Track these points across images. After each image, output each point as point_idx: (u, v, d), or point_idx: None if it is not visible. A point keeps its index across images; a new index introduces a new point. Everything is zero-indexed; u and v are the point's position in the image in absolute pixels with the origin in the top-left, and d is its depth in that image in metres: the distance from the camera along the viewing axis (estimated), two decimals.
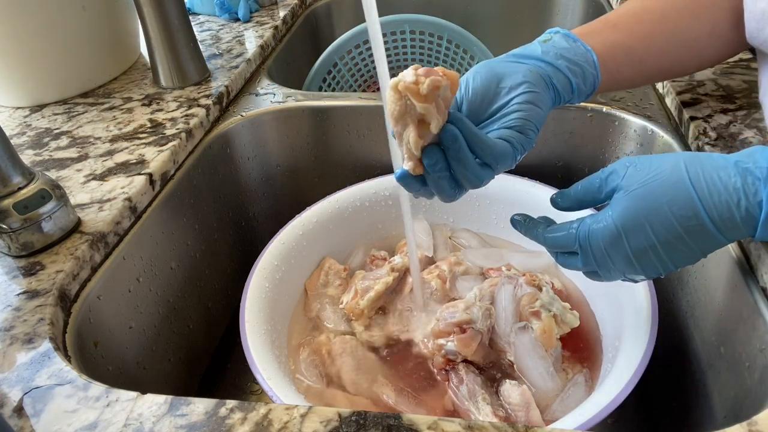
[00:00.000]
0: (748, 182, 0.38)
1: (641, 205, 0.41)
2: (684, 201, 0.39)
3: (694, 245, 0.41)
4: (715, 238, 0.40)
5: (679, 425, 0.59)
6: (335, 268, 0.70)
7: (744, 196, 0.38)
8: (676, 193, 0.40)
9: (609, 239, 0.42)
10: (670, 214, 0.40)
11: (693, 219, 0.39)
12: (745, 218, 0.38)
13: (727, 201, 0.39)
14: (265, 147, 0.81)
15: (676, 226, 0.40)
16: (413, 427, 0.36)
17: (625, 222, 0.41)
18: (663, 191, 0.40)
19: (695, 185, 0.39)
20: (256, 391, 0.73)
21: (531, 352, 0.56)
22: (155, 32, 0.77)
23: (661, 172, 0.41)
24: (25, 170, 0.53)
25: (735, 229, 0.39)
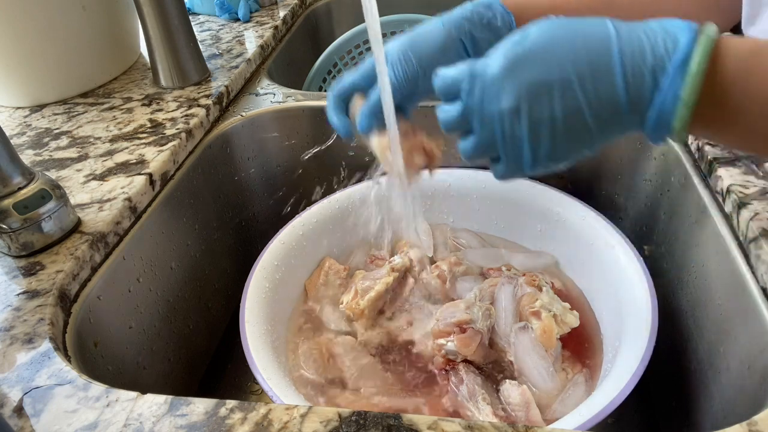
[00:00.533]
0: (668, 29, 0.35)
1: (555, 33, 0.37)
2: (600, 33, 0.36)
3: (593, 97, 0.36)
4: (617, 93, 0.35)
5: (679, 425, 0.59)
6: (335, 268, 0.70)
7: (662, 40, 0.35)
8: (594, 27, 0.36)
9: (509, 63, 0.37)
10: (582, 46, 0.36)
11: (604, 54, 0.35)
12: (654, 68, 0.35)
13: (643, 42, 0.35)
14: (265, 147, 0.81)
15: (584, 59, 0.36)
16: (413, 427, 0.36)
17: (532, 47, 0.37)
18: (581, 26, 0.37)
19: (615, 24, 0.36)
20: (256, 391, 0.73)
21: (531, 352, 0.56)
22: (155, 32, 0.77)
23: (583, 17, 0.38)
24: (25, 170, 0.53)
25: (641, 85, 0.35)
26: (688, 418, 0.57)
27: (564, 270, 0.69)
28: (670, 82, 0.35)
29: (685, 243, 0.60)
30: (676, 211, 0.63)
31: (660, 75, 0.35)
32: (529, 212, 0.71)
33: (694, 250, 0.58)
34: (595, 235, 0.64)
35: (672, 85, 0.35)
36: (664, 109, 0.35)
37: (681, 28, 0.35)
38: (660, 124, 0.36)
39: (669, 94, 0.35)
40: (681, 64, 0.34)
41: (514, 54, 0.37)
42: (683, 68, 0.34)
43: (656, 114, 0.36)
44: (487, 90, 0.38)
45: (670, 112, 0.35)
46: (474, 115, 0.39)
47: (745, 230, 0.50)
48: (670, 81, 0.35)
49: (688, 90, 0.34)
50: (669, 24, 0.36)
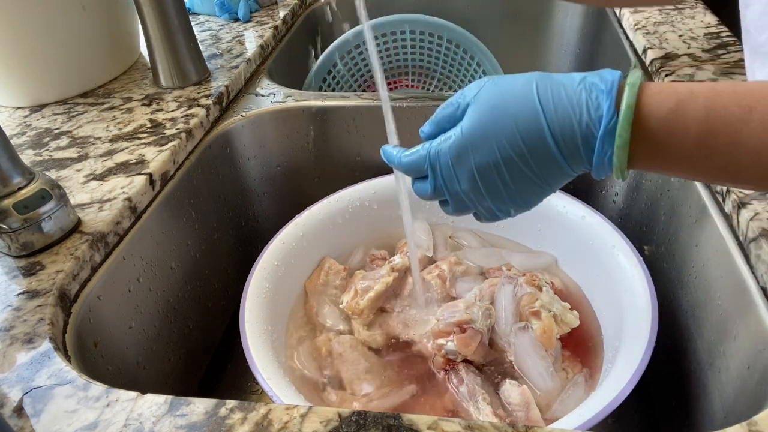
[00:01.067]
0: (591, 96, 0.37)
1: (489, 117, 0.40)
2: (529, 114, 0.39)
3: (536, 168, 0.40)
4: (556, 160, 0.39)
5: (679, 425, 0.59)
6: (335, 268, 0.70)
7: (586, 110, 0.37)
8: (523, 107, 0.39)
9: (456, 153, 0.42)
10: (514, 128, 0.39)
11: (535, 134, 0.39)
12: (585, 135, 0.38)
13: (570, 115, 0.38)
14: (265, 147, 0.81)
15: (519, 141, 0.39)
16: (413, 427, 0.36)
17: (472, 134, 0.41)
18: (511, 104, 0.39)
19: (542, 99, 0.38)
20: (256, 391, 0.73)
21: (531, 352, 0.56)
22: (155, 32, 0.77)
23: (513, 87, 0.40)
24: (25, 170, 0.53)
25: (575, 150, 0.39)
26: (688, 418, 0.57)
27: (564, 270, 0.69)
28: (600, 148, 0.38)
29: (685, 243, 0.60)
30: (676, 211, 0.63)
31: (591, 142, 0.38)
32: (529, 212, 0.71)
33: (694, 250, 0.58)
34: (595, 235, 0.64)
35: (602, 151, 0.38)
36: (601, 167, 0.39)
37: (601, 91, 0.38)
38: (601, 174, 0.40)
39: (603, 158, 0.38)
40: (607, 135, 0.37)
41: (460, 142, 0.42)
42: (610, 138, 0.37)
43: (596, 169, 0.39)
44: (446, 175, 0.43)
45: (607, 168, 0.39)
46: (443, 191, 0.45)
47: (745, 230, 0.50)
48: (600, 148, 0.38)
49: (617, 155, 0.37)
50: (593, 85, 0.38)
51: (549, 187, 0.42)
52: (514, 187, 0.42)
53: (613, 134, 0.37)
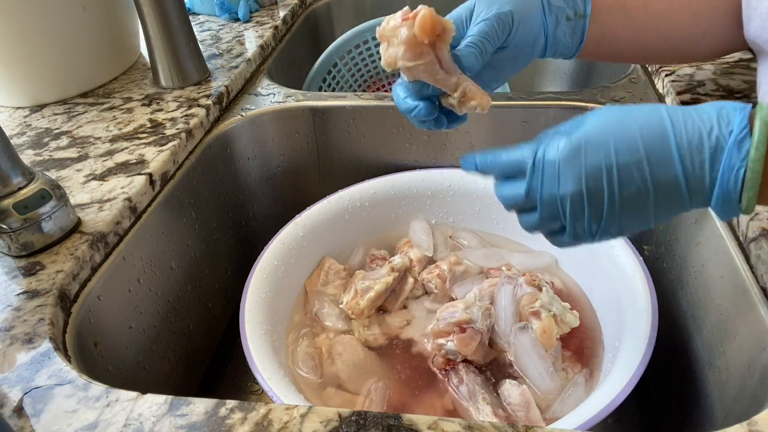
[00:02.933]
0: (722, 113, 0.36)
1: (611, 122, 0.38)
2: (655, 122, 0.37)
3: (651, 183, 0.37)
4: (677, 177, 0.37)
5: (679, 425, 0.59)
6: (335, 268, 0.70)
7: (717, 123, 0.36)
8: (650, 115, 0.38)
9: (567, 151, 0.39)
10: (637, 132, 0.37)
11: (659, 140, 0.37)
12: (713, 149, 0.35)
13: (699, 127, 0.36)
14: (265, 147, 0.81)
15: (640, 146, 0.37)
16: (413, 427, 0.36)
17: (589, 134, 0.38)
18: (637, 113, 0.38)
19: (670, 112, 0.37)
20: (256, 391, 0.73)
21: (531, 352, 0.56)
22: (155, 32, 0.77)
23: (638, 105, 0.39)
24: (25, 170, 0.53)
25: (700, 166, 0.36)
26: (688, 418, 0.57)
27: (564, 270, 0.69)
28: (728, 161, 0.35)
29: (685, 243, 0.60)
30: None
31: (718, 158, 0.35)
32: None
33: (694, 250, 0.58)
34: None
35: (730, 166, 0.35)
36: (727, 191, 0.36)
37: (734, 108, 0.36)
38: (726, 203, 0.36)
39: (730, 174, 0.35)
40: (738, 143, 0.35)
41: (575, 140, 0.39)
42: (740, 147, 0.35)
43: (721, 194, 0.36)
44: (550, 174, 0.39)
45: (732, 193, 0.36)
46: (537, 196, 0.41)
47: (745, 230, 0.50)
48: (728, 161, 0.35)
49: (752, 169, 0.34)
50: (722, 106, 0.37)
51: (655, 211, 0.38)
52: (618, 200, 0.38)
53: (743, 145, 0.35)
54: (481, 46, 0.47)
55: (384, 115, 0.77)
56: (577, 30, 0.53)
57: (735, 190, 0.36)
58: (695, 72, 0.70)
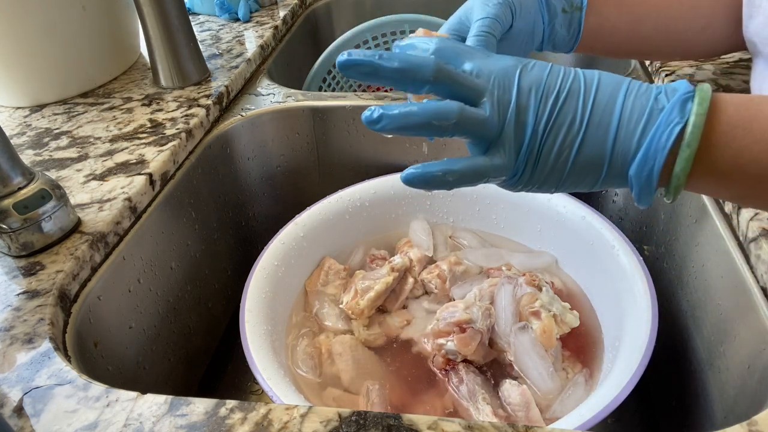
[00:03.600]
0: (668, 87, 0.35)
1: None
2: (616, 78, 0.36)
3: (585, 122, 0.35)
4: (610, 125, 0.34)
5: (679, 425, 0.59)
6: (335, 268, 0.70)
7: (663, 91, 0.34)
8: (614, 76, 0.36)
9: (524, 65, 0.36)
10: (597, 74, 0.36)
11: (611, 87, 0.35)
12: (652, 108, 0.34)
13: (651, 91, 0.34)
14: (265, 147, 0.81)
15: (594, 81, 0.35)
16: (413, 427, 0.36)
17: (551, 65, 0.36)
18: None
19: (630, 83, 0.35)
20: (256, 391, 0.73)
21: (531, 352, 0.56)
22: (155, 32, 0.77)
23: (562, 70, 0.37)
24: (25, 170, 0.53)
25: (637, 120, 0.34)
26: (688, 418, 0.57)
27: (564, 270, 0.69)
28: (667, 118, 0.33)
29: (685, 243, 0.60)
30: (676, 211, 0.63)
31: (655, 115, 0.34)
32: (529, 212, 0.71)
33: (694, 250, 0.58)
34: (595, 235, 0.64)
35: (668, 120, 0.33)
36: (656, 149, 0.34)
37: (680, 84, 0.34)
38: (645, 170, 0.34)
39: (664, 131, 0.33)
40: (681, 104, 0.33)
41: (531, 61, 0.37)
42: (683, 107, 0.33)
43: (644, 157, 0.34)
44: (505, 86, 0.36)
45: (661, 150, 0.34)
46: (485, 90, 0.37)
47: (745, 230, 0.50)
48: (668, 117, 0.33)
49: (692, 124, 0.33)
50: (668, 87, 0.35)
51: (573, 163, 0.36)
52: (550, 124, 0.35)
53: (686, 105, 0.33)
54: (492, 28, 0.47)
55: None
56: (574, 22, 0.52)
57: (663, 149, 0.33)
58: (695, 72, 0.70)
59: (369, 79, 0.37)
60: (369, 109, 0.37)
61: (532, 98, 0.35)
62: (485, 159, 0.37)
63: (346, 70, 0.37)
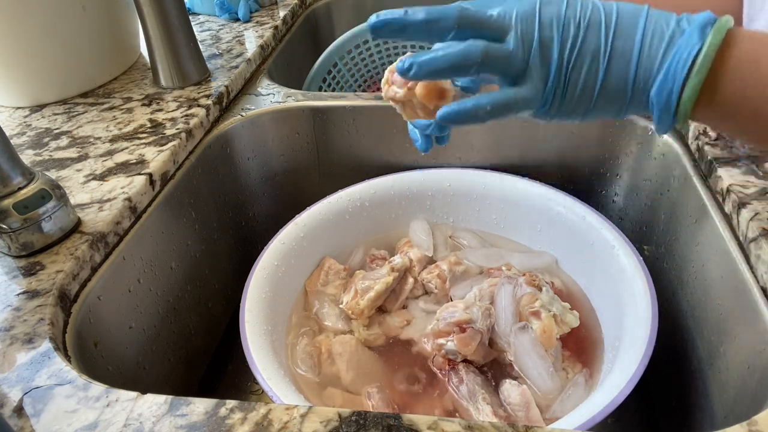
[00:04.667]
0: (691, 16, 0.36)
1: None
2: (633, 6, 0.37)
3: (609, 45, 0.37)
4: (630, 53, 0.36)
5: (679, 425, 0.59)
6: (335, 268, 0.70)
7: (686, 17, 0.36)
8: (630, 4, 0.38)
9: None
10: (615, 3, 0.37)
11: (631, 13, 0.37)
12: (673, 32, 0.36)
13: (668, 18, 0.36)
14: (265, 147, 0.81)
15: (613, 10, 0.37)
16: (413, 427, 0.36)
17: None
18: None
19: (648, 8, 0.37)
20: (256, 391, 0.73)
21: (531, 352, 0.56)
22: (155, 32, 0.77)
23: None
24: (25, 170, 0.53)
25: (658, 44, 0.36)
26: (688, 418, 0.57)
27: (564, 270, 0.69)
28: (687, 40, 0.35)
29: (685, 243, 0.60)
30: (676, 211, 0.63)
31: (676, 39, 0.35)
32: (529, 212, 0.71)
33: (694, 250, 0.58)
34: (595, 235, 0.64)
35: (689, 43, 0.35)
36: (676, 70, 0.35)
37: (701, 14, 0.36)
38: (665, 93, 0.36)
39: (684, 52, 0.35)
40: (701, 27, 0.35)
41: None
42: (702, 31, 0.35)
43: (665, 79, 0.36)
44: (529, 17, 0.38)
45: (680, 72, 0.35)
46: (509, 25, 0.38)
47: (745, 230, 0.50)
48: (689, 40, 0.35)
49: (705, 53, 0.34)
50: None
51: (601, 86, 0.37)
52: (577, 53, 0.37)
53: (705, 30, 0.35)
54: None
55: (384, 115, 0.77)
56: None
57: (682, 71, 0.35)
58: None
59: (399, 35, 0.39)
60: (401, 61, 0.39)
61: (555, 30, 0.37)
62: (515, 91, 0.38)
63: (377, 31, 0.39)
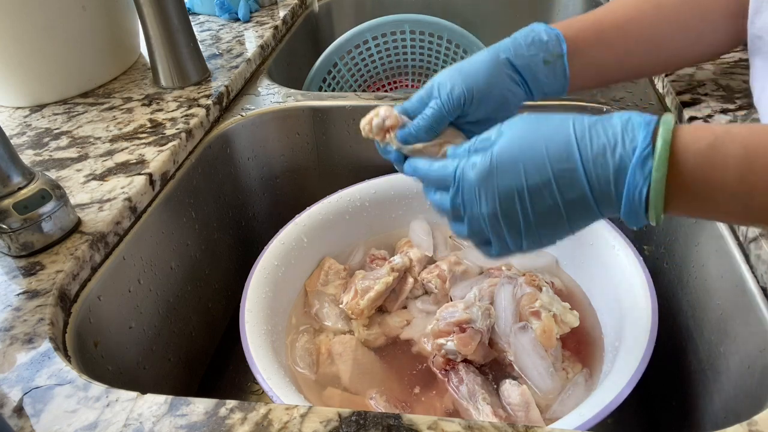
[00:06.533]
0: (628, 128, 0.37)
1: (521, 141, 0.40)
2: (561, 140, 0.38)
3: (561, 199, 0.39)
4: (584, 193, 0.38)
5: (679, 425, 0.59)
6: (335, 268, 0.70)
7: (621, 140, 0.36)
8: (556, 133, 0.39)
9: (482, 173, 0.40)
10: (545, 153, 0.38)
11: (565, 161, 0.38)
12: (618, 167, 0.36)
13: (603, 144, 0.37)
14: (265, 147, 0.81)
15: (548, 168, 0.38)
16: (413, 427, 0.36)
17: (501, 154, 0.40)
18: (544, 130, 0.39)
19: (576, 127, 0.38)
20: (256, 391, 0.73)
21: (531, 352, 0.56)
22: (155, 32, 0.77)
23: (549, 117, 0.40)
24: (25, 170, 0.53)
25: (606, 183, 0.37)
26: (688, 418, 0.57)
27: (564, 270, 0.69)
28: (632, 180, 0.36)
29: (685, 243, 0.60)
30: None
31: (623, 176, 0.36)
32: None
33: (694, 250, 0.58)
34: (595, 235, 0.64)
35: (634, 184, 0.36)
36: (633, 207, 0.37)
37: (639, 124, 0.37)
38: (634, 215, 0.38)
39: (634, 192, 0.36)
40: (640, 164, 0.36)
41: (488, 161, 0.40)
42: (643, 169, 0.36)
43: (627, 210, 0.38)
44: (468, 195, 0.42)
45: (639, 208, 0.37)
46: (461, 210, 0.43)
47: (745, 230, 0.50)
48: (632, 179, 0.36)
49: (655, 188, 0.36)
50: (628, 119, 0.38)
51: (569, 224, 0.40)
52: (533, 219, 0.40)
53: (646, 164, 0.36)
54: (425, 126, 0.50)
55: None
56: (558, 69, 0.52)
57: (640, 206, 0.37)
58: (695, 72, 0.70)
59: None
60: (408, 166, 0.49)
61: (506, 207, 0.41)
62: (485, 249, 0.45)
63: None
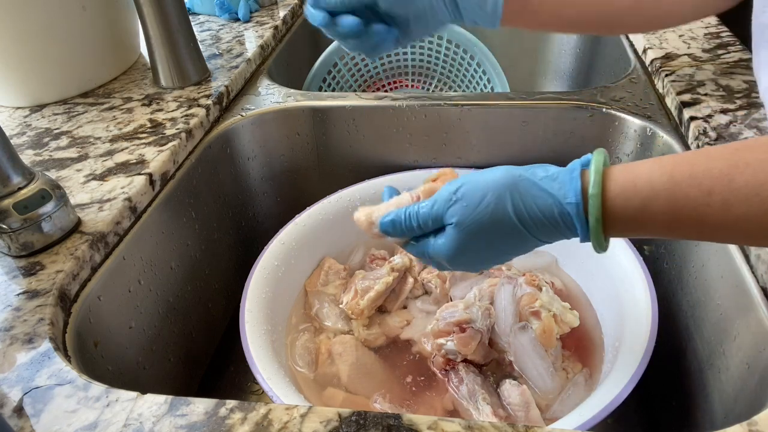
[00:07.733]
0: (560, 194, 0.40)
1: (475, 242, 0.44)
2: (515, 235, 0.42)
3: (517, 252, 0.45)
4: (537, 245, 0.44)
5: (679, 425, 0.59)
6: (335, 268, 0.70)
7: (558, 206, 0.40)
8: (507, 232, 0.43)
9: (451, 253, 0.45)
10: (503, 247, 0.44)
11: (523, 244, 0.44)
12: (567, 223, 0.41)
13: (550, 222, 0.41)
14: (265, 147, 0.81)
15: (509, 252, 0.45)
16: (413, 427, 0.36)
17: (465, 238, 0.44)
18: (494, 231, 0.43)
19: (521, 221, 0.42)
20: (256, 391, 0.73)
21: (531, 352, 0.56)
22: (155, 32, 0.77)
23: (488, 209, 0.42)
24: (25, 170, 0.53)
25: (562, 234, 0.42)
26: (688, 418, 0.57)
27: (564, 269, 0.69)
28: (580, 230, 0.41)
29: (685, 243, 0.60)
30: None
31: (572, 227, 0.41)
32: None
33: (694, 250, 0.58)
34: None
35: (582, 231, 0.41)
36: (585, 240, 0.42)
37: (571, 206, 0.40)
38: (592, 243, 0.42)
39: (582, 236, 0.41)
40: (580, 224, 0.40)
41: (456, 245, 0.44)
42: (583, 227, 0.40)
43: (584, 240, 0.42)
44: (437, 259, 0.46)
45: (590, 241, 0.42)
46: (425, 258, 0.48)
47: None
48: (578, 232, 0.41)
49: (593, 238, 0.40)
50: (560, 183, 0.41)
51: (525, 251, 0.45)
52: (493, 261, 0.46)
53: (584, 225, 0.40)
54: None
55: (384, 115, 0.77)
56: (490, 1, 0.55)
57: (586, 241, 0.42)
58: (695, 72, 0.70)
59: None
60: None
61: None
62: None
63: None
